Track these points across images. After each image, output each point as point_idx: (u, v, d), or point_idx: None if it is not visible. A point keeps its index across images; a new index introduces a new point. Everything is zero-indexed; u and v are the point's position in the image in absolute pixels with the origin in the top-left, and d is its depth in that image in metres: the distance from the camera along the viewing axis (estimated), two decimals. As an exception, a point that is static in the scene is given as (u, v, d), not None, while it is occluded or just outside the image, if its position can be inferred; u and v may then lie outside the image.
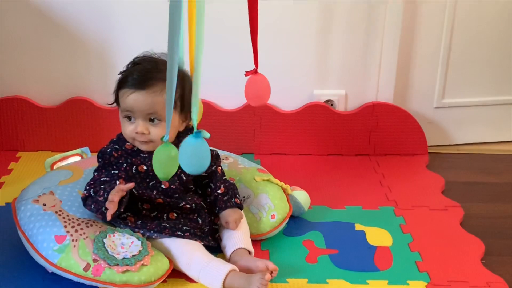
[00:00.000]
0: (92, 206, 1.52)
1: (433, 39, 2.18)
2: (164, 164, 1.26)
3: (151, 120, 1.52)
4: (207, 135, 1.24)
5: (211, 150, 1.64)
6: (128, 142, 1.57)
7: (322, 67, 2.16)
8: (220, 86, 2.15)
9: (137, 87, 1.50)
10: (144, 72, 1.53)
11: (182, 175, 1.61)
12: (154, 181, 1.57)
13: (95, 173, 1.57)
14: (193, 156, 1.23)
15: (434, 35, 2.18)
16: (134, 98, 1.51)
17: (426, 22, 2.16)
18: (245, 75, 1.74)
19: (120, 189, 1.47)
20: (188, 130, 1.64)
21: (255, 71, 1.76)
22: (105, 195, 1.48)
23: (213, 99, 2.16)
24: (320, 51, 2.14)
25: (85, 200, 1.54)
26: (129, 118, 1.54)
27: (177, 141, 1.61)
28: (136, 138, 1.54)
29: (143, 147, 1.56)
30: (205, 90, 2.11)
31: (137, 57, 1.59)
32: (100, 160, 1.57)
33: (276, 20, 2.08)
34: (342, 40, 2.13)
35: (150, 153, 1.56)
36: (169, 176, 1.28)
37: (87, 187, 1.54)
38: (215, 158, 1.68)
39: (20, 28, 2.08)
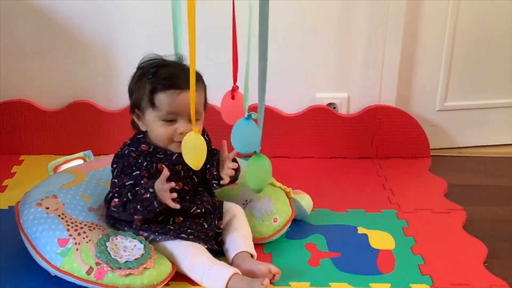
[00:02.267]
0: (138, 206, 1.49)
1: (435, 42, 2.18)
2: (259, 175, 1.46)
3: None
4: (255, 115, 1.42)
5: (213, 150, 1.66)
6: (144, 144, 1.55)
7: (324, 70, 2.16)
8: (222, 90, 2.15)
9: (186, 86, 1.42)
10: (185, 71, 1.49)
11: (194, 176, 1.61)
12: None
13: (115, 180, 1.54)
14: (245, 137, 1.44)
15: (437, 37, 2.18)
16: (183, 99, 1.49)
17: (429, 24, 2.16)
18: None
19: (165, 175, 1.46)
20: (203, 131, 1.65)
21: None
22: (150, 190, 1.47)
23: (216, 102, 2.16)
24: (322, 54, 2.14)
25: (124, 206, 1.50)
26: (171, 120, 1.52)
27: None
28: (177, 139, 1.52)
29: (179, 150, 1.50)
30: (208, 94, 2.11)
31: (152, 60, 1.56)
32: (117, 164, 1.55)
33: (278, 24, 2.08)
34: (344, 43, 2.13)
35: (167, 156, 1.55)
36: (263, 187, 1.47)
37: (116, 195, 1.51)
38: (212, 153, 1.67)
39: (23, 32, 2.08)
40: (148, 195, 1.47)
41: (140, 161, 1.54)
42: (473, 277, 1.59)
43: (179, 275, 1.53)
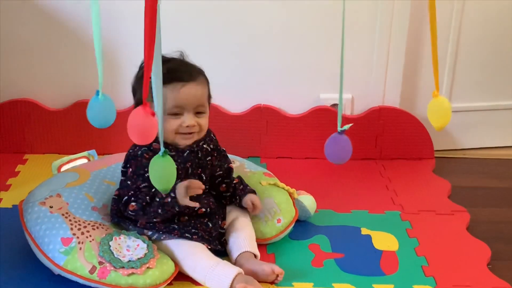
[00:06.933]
0: (159, 210, 1.50)
1: (440, 43, 2.15)
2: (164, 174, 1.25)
3: (197, 113, 1.53)
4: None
5: (221, 149, 1.68)
6: (156, 142, 1.55)
7: (328, 71, 2.16)
8: (226, 90, 2.15)
9: (188, 79, 1.50)
10: (187, 65, 1.53)
11: (202, 174, 1.61)
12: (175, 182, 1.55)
13: (129, 182, 1.53)
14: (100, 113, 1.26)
15: (441, 38, 2.17)
16: (187, 91, 1.50)
17: (433, 26, 2.15)
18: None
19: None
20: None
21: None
22: (171, 194, 1.48)
23: (219, 102, 2.17)
24: (326, 55, 2.13)
25: (143, 209, 1.50)
26: (176, 114, 1.52)
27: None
28: (183, 131, 1.52)
29: (185, 142, 1.54)
30: (212, 94, 2.11)
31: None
32: (129, 165, 1.54)
33: (282, 24, 2.09)
34: (348, 44, 2.13)
35: (178, 153, 1.56)
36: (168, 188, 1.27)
37: (133, 198, 1.51)
38: (226, 156, 1.70)
39: (28, 31, 2.08)
40: (169, 200, 1.49)
41: None
42: (476, 279, 1.58)
43: (182, 275, 1.53)
